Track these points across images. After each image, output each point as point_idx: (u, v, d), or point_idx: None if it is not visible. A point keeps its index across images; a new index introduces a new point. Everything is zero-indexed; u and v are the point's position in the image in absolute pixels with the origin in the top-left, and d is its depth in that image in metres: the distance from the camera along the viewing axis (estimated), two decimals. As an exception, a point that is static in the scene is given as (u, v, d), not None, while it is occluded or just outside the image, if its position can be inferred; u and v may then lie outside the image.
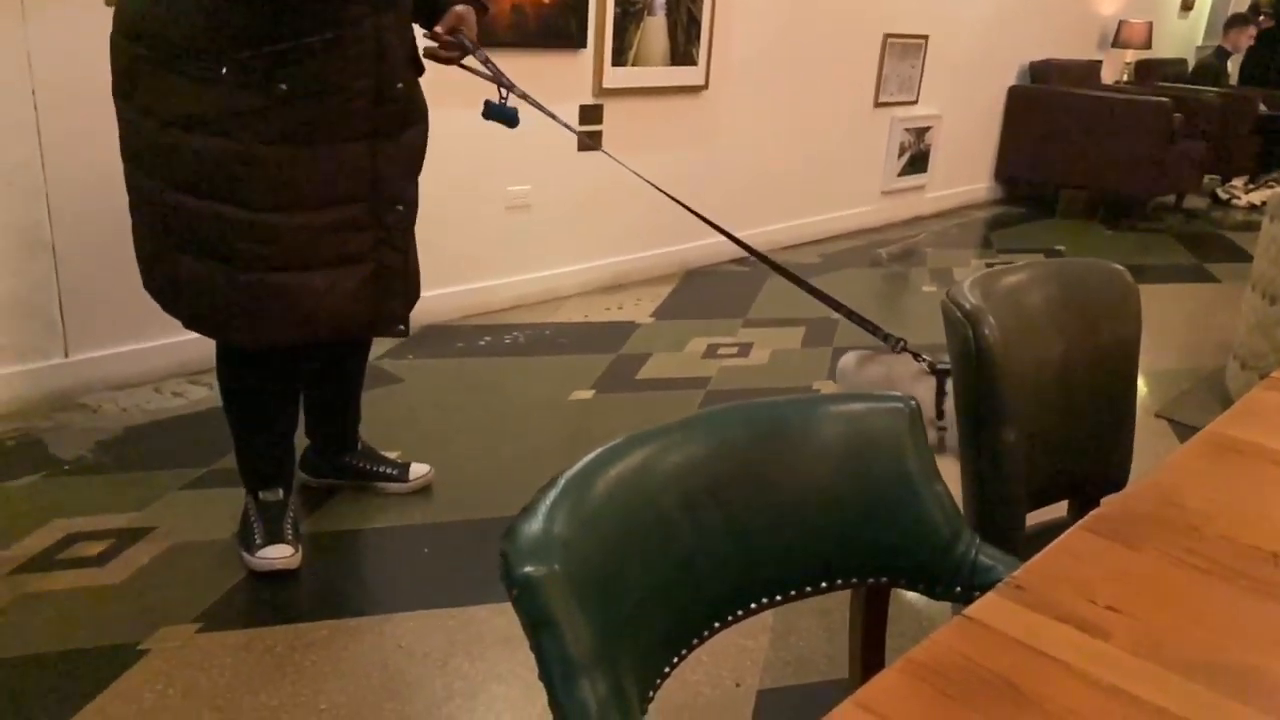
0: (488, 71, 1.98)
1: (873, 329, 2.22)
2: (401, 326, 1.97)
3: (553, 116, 2.03)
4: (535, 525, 0.82)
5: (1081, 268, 1.54)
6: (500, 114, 1.97)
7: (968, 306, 1.30)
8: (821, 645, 1.95)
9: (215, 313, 1.83)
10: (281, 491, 2.09)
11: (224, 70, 1.65)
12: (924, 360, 2.08)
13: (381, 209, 1.86)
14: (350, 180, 1.79)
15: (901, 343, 2.13)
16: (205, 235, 1.76)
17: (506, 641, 1.89)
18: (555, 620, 0.76)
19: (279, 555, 2.02)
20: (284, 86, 1.67)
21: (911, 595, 2.05)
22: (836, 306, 2.21)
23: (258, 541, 2.03)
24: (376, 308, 1.92)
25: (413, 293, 2.01)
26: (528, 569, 0.77)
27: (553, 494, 0.86)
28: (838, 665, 1.89)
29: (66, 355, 2.72)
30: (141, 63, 1.71)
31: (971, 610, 0.77)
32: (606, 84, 3.84)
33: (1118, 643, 0.74)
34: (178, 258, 1.80)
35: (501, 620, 1.94)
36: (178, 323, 2.85)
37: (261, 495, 2.07)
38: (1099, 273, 1.53)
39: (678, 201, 2.14)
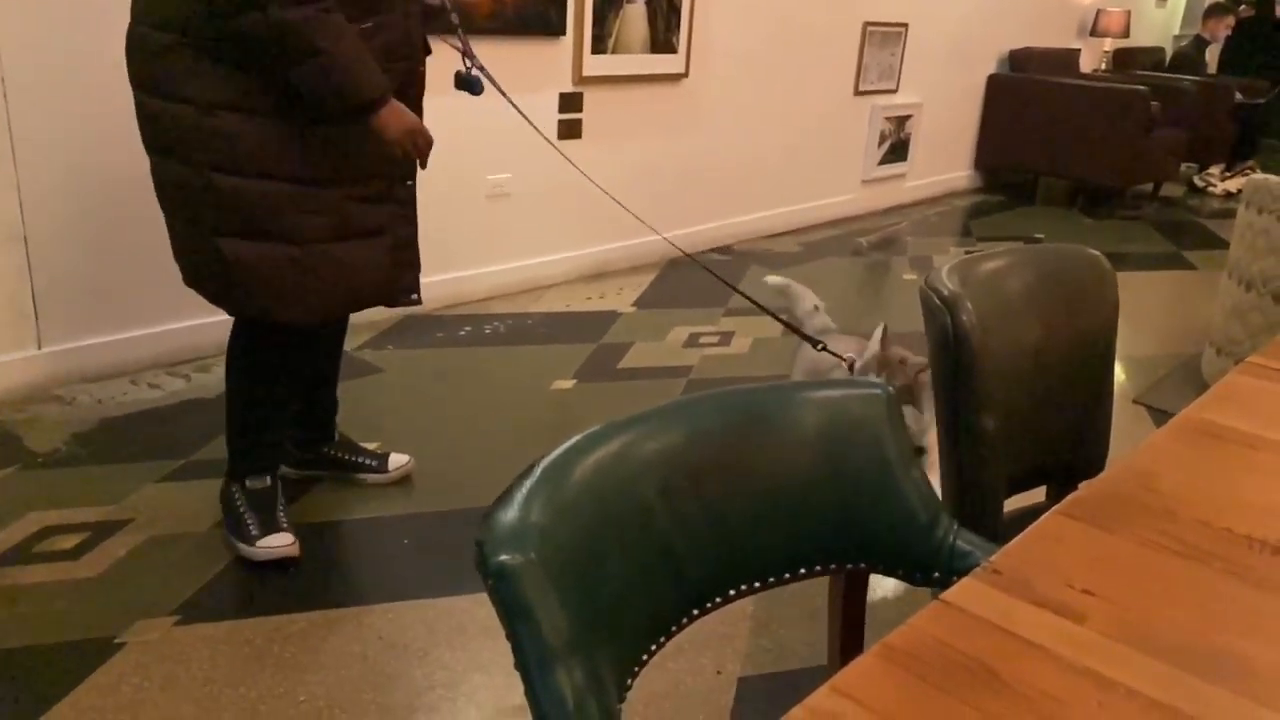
0: (458, 43, 2.01)
1: (796, 329, 2.36)
2: (415, 295, 2.06)
3: (503, 94, 2.04)
4: (511, 513, 0.81)
5: (1059, 254, 1.54)
6: (466, 84, 2.05)
7: (945, 293, 1.30)
8: (801, 633, 1.95)
9: (270, 291, 1.84)
10: (269, 479, 2.08)
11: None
12: (844, 358, 2.19)
13: (396, 183, 1.96)
14: (378, 156, 1.87)
15: (821, 344, 2.26)
16: (256, 214, 1.78)
17: (487, 631, 1.88)
18: (531, 609, 0.76)
19: (281, 543, 2.01)
20: None
21: (889, 582, 2.07)
22: (760, 307, 2.33)
23: (254, 532, 2.02)
24: (397, 278, 2.01)
25: (419, 263, 2.09)
26: (503, 558, 0.77)
27: (529, 482, 0.85)
28: (818, 653, 1.90)
29: (39, 347, 2.68)
30: (177, 51, 1.70)
31: (948, 595, 0.77)
32: (586, 72, 3.82)
33: (1094, 626, 0.74)
34: (226, 243, 1.80)
35: (482, 611, 1.93)
36: (153, 314, 2.86)
37: (250, 483, 2.06)
38: (1077, 259, 1.53)
39: (603, 190, 2.16)
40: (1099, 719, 0.64)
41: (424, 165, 1.91)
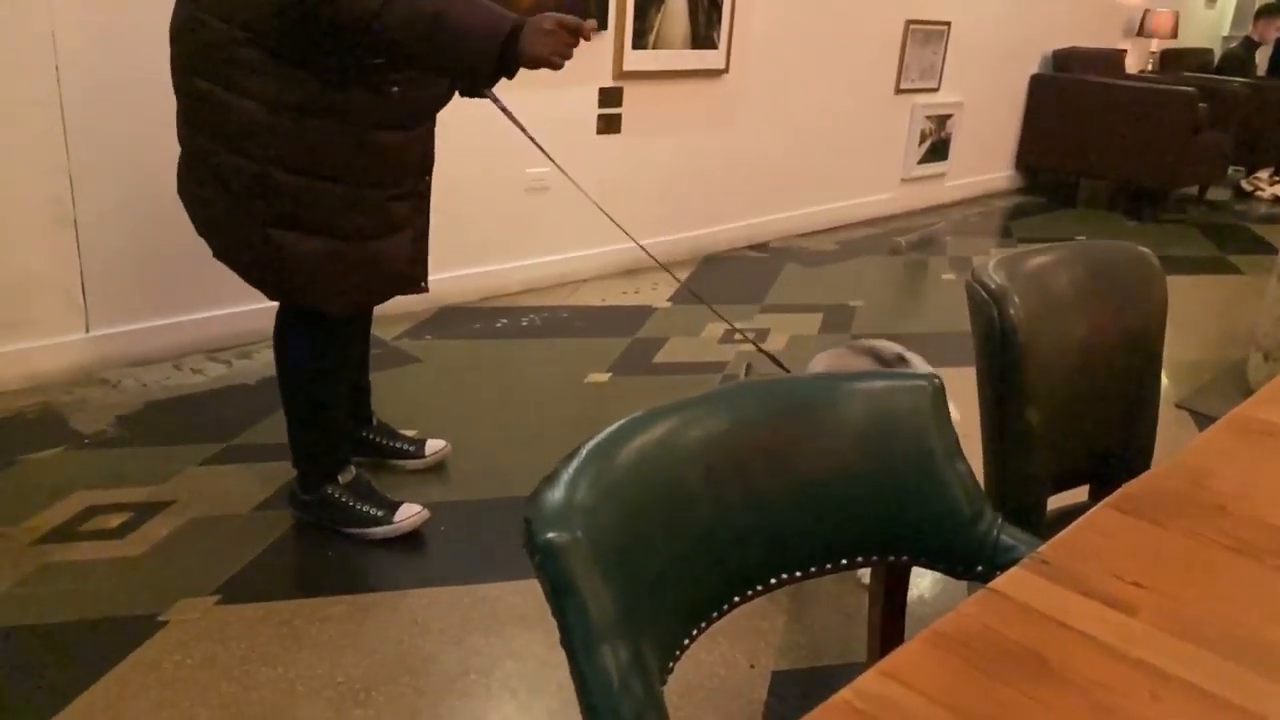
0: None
1: (752, 341, 2.32)
2: (424, 284, 2.13)
3: (506, 111, 1.99)
4: (558, 493, 0.82)
5: (1108, 250, 1.52)
6: None
7: (993, 286, 1.29)
8: (836, 629, 1.94)
9: (316, 282, 1.89)
10: (352, 468, 2.13)
11: (348, 72, 1.77)
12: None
13: (419, 179, 2.01)
14: (419, 156, 1.97)
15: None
16: (309, 210, 1.82)
17: (522, 619, 1.89)
18: (577, 587, 0.76)
19: (414, 511, 2.11)
20: (396, 89, 1.82)
21: (925, 580, 2.05)
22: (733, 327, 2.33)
23: (379, 514, 2.09)
24: (416, 268, 2.07)
25: (428, 254, 2.15)
26: (550, 535, 0.77)
27: (576, 463, 0.86)
28: (852, 650, 1.89)
29: (87, 330, 2.74)
30: (243, 47, 1.71)
31: (997, 584, 0.77)
32: (627, 66, 3.82)
33: (1145, 618, 0.73)
34: (277, 233, 1.83)
35: (516, 598, 1.94)
36: (197, 301, 2.90)
37: (342, 478, 2.10)
38: (1126, 255, 1.51)
39: (575, 183, 2.15)
40: (1152, 710, 0.63)
41: (587, 37, 1.81)
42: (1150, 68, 7.43)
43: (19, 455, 2.31)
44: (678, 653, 0.91)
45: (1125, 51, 7.00)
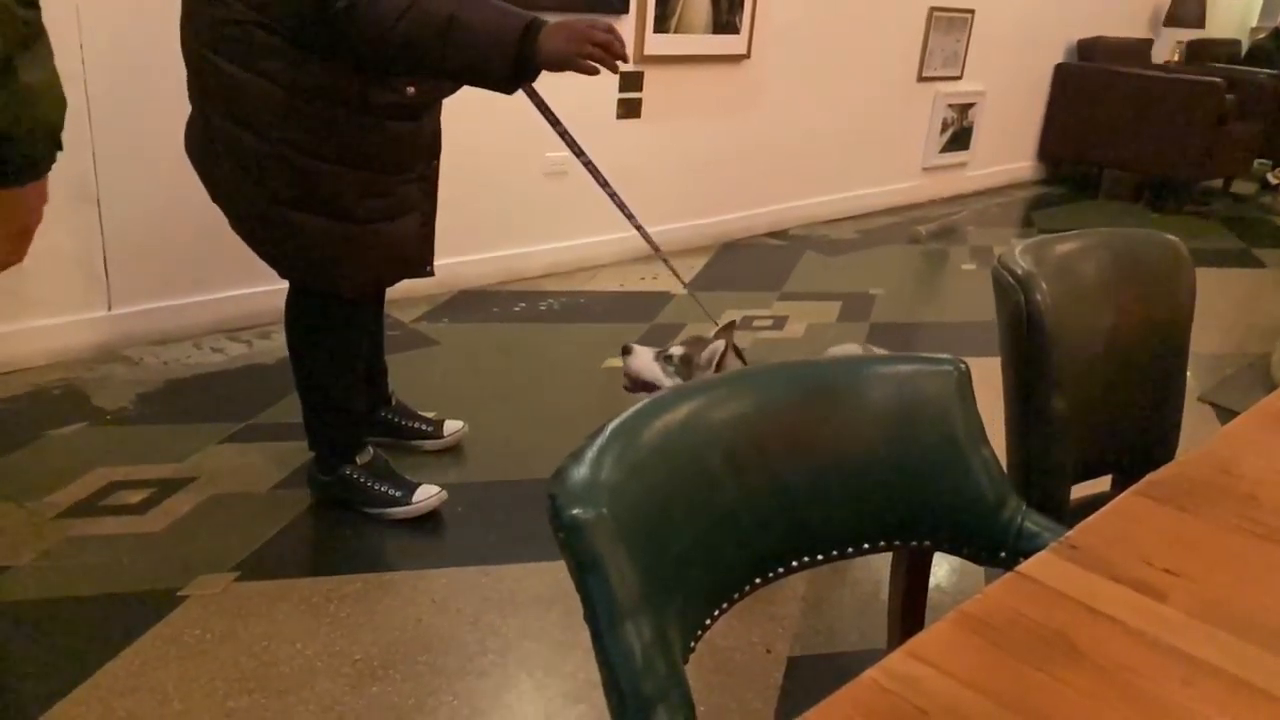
0: None
1: (722, 330, 2.25)
2: (430, 268, 2.14)
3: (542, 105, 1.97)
4: (583, 470, 0.81)
5: (1136, 238, 1.50)
6: None
7: (1019, 272, 1.28)
8: (853, 616, 1.94)
9: (326, 263, 1.90)
10: (370, 449, 2.14)
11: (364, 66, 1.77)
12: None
13: (428, 164, 2.02)
14: (428, 141, 1.98)
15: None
16: (324, 193, 1.83)
17: (538, 600, 1.90)
18: (602, 563, 0.76)
19: (433, 492, 2.12)
20: (411, 90, 1.84)
21: (943, 568, 2.04)
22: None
23: (399, 494, 2.10)
24: (423, 251, 2.08)
25: (434, 237, 2.16)
26: (575, 511, 0.77)
27: (600, 440, 0.85)
28: (868, 637, 1.89)
29: (109, 308, 2.75)
30: (260, 29, 1.70)
31: (1024, 567, 0.76)
32: (648, 50, 3.80)
33: (1175, 604, 0.72)
34: (292, 213, 1.84)
35: (533, 580, 1.95)
36: (218, 281, 2.91)
37: (360, 459, 2.11)
38: (1154, 244, 1.50)
39: (606, 184, 2.11)
40: (1182, 695, 0.63)
41: (624, 58, 1.74)
42: (1177, 58, 7.34)
43: (43, 431, 2.33)
44: (700, 632, 0.91)
45: (1151, 41, 6.92)
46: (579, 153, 1.96)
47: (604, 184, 2.01)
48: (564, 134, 1.93)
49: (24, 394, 2.50)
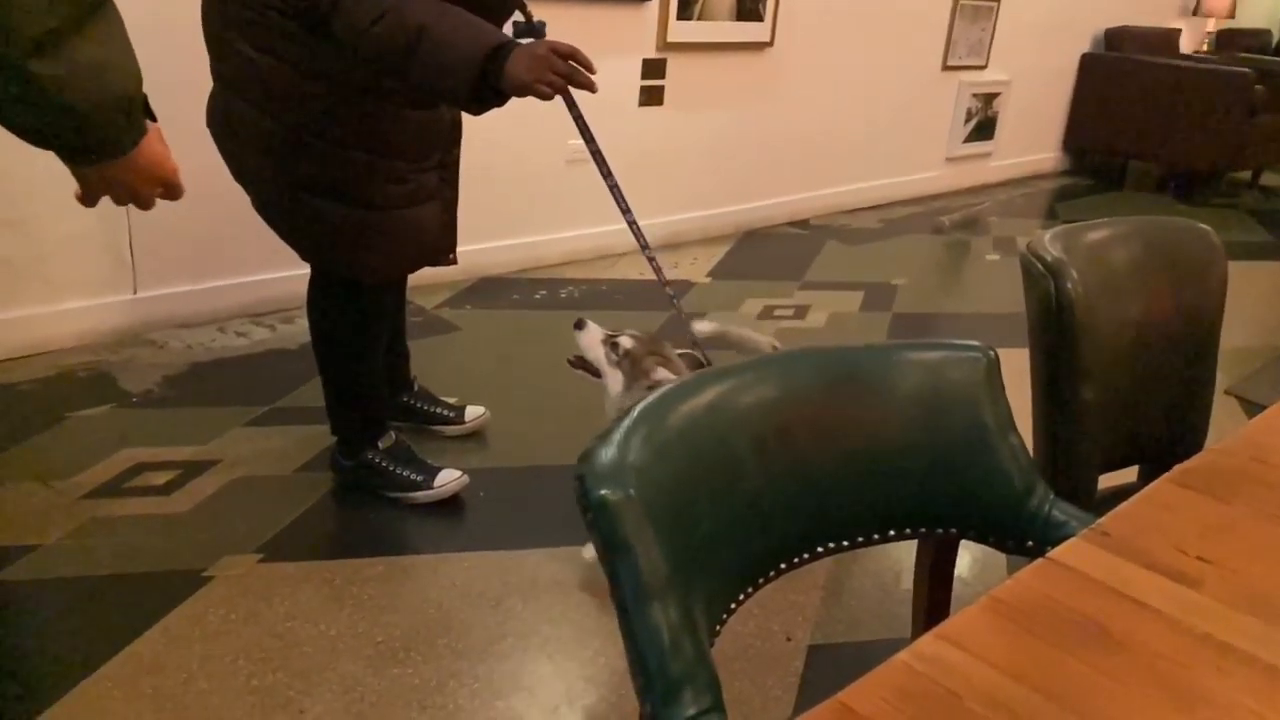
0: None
1: (685, 318, 2.15)
2: (453, 256, 2.15)
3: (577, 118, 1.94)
4: (610, 451, 0.81)
5: (1169, 227, 1.49)
6: (528, 30, 1.94)
7: (1049, 259, 1.26)
8: (873, 605, 1.94)
9: (344, 248, 1.90)
10: (392, 433, 2.15)
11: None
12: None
13: (447, 151, 2.02)
14: (447, 129, 1.99)
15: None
16: (341, 178, 1.83)
17: (559, 585, 1.90)
18: (630, 544, 0.76)
19: (454, 476, 2.13)
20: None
21: (965, 558, 2.03)
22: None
23: (420, 478, 2.11)
24: (444, 239, 2.08)
25: (456, 226, 2.16)
26: (603, 492, 0.77)
27: (627, 422, 0.85)
28: (890, 626, 1.88)
29: (135, 292, 2.77)
30: (274, 12, 1.70)
31: (1056, 553, 0.75)
32: (671, 38, 3.79)
33: (1209, 592, 0.71)
34: (310, 199, 1.84)
35: (554, 565, 1.95)
36: (242, 266, 2.93)
37: (381, 444, 2.12)
38: (1186, 232, 1.48)
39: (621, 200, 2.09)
40: (1218, 683, 0.62)
41: (589, 87, 1.72)
42: (1206, 48, 7.24)
43: (69, 412, 2.36)
44: (725, 617, 0.91)
45: (1180, 31, 6.83)
46: (589, 139, 1.95)
47: (607, 174, 1.99)
48: (578, 118, 1.92)
49: (50, 376, 2.53)
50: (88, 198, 1.12)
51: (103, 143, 1.04)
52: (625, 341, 1.95)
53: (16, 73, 0.90)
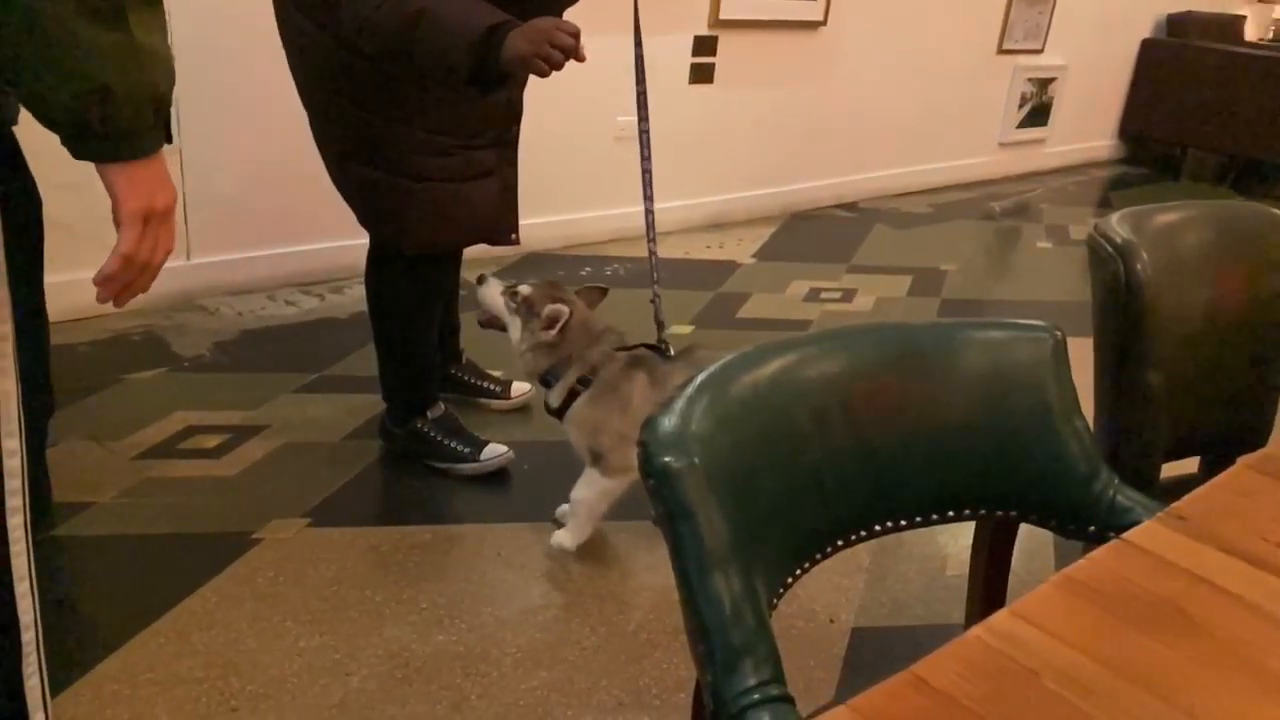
0: None
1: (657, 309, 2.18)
2: (515, 236, 2.12)
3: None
4: (673, 420, 0.80)
5: (1240, 211, 1.44)
6: None
7: (1119, 241, 1.23)
8: (918, 590, 1.92)
9: (390, 216, 1.93)
10: (441, 404, 2.16)
11: None
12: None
13: (505, 129, 2.01)
14: (503, 106, 1.96)
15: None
16: (380, 148, 1.85)
17: (600, 558, 1.90)
18: (693, 511, 0.75)
19: (501, 450, 2.13)
20: None
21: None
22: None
23: (467, 450, 2.12)
24: (504, 218, 2.06)
25: (518, 206, 2.14)
26: (667, 459, 0.76)
27: (690, 391, 0.84)
28: (934, 611, 1.86)
29: (188, 258, 2.81)
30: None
31: (1131, 535, 0.73)
32: (723, 15, 3.75)
33: (1292, 580, 0.69)
34: (348, 164, 1.88)
35: (596, 538, 1.95)
36: (292, 234, 2.95)
37: (430, 414, 2.13)
38: (1260, 218, 1.43)
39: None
40: (1304, 671, 0.60)
41: (579, 58, 1.66)
42: (1271, 35, 7.04)
43: (122, 375, 2.40)
44: (782, 590, 0.90)
45: (1244, 17, 6.64)
46: (644, 117, 1.93)
47: (646, 156, 1.96)
48: (642, 93, 1.90)
49: (105, 339, 2.57)
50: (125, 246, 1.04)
51: (126, 134, 0.98)
52: (524, 289, 1.95)
53: (68, 36, 0.87)
